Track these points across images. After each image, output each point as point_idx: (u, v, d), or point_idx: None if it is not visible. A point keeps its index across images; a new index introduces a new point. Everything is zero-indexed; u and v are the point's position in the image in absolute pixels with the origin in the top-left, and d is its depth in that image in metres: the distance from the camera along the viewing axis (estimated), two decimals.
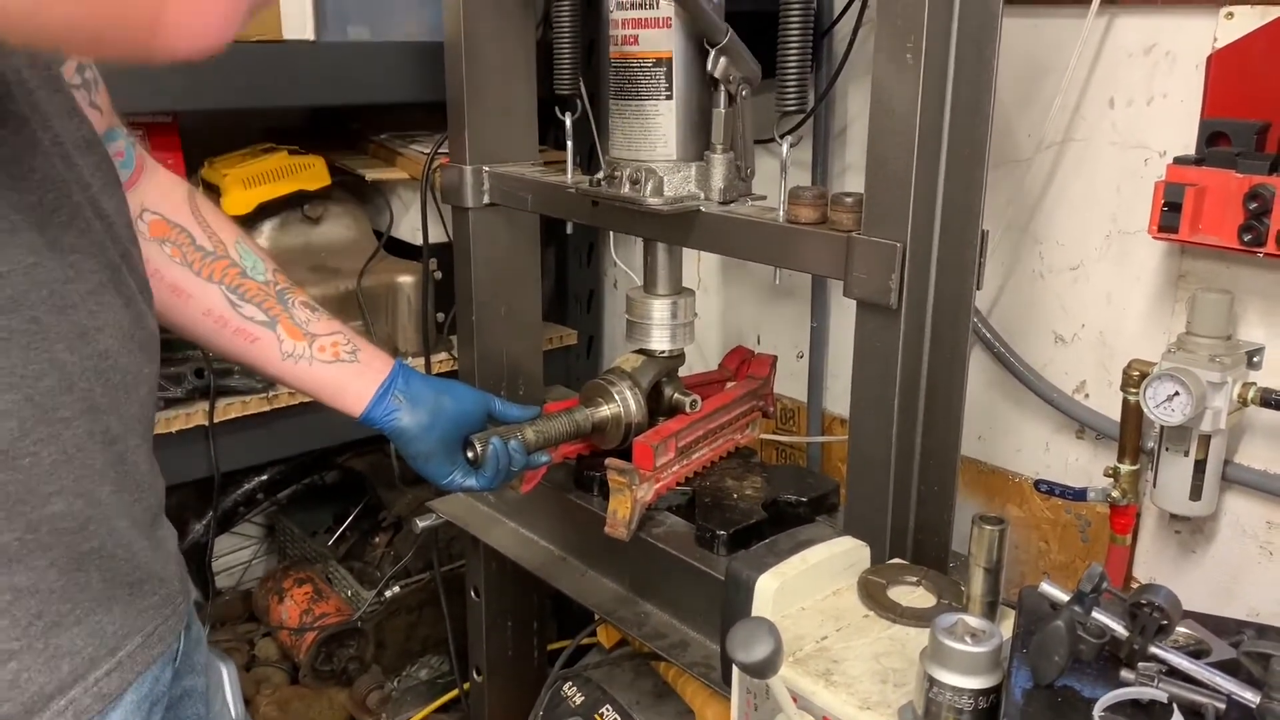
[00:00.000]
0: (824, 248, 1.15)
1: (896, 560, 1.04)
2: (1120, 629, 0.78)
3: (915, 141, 1.03)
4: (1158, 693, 0.74)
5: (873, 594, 0.96)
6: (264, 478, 2.26)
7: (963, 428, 1.18)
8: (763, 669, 0.81)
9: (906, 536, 1.20)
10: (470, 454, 1.25)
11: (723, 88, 1.26)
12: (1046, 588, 0.82)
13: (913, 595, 0.97)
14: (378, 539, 2.28)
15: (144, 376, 0.92)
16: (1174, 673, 0.76)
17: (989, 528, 0.88)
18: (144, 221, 1.08)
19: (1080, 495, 1.46)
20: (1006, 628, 0.89)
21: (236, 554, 2.51)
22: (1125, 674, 0.76)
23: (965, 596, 0.92)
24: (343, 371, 1.15)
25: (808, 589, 0.96)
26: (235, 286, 1.10)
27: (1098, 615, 0.78)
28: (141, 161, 1.10)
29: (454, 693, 2.15)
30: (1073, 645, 0.76)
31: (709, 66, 1.23)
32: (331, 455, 2.27)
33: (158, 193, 1.09)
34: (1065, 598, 0.80)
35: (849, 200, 1.10)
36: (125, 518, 0.90)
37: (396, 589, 2.16)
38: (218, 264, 1.10)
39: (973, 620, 0.79)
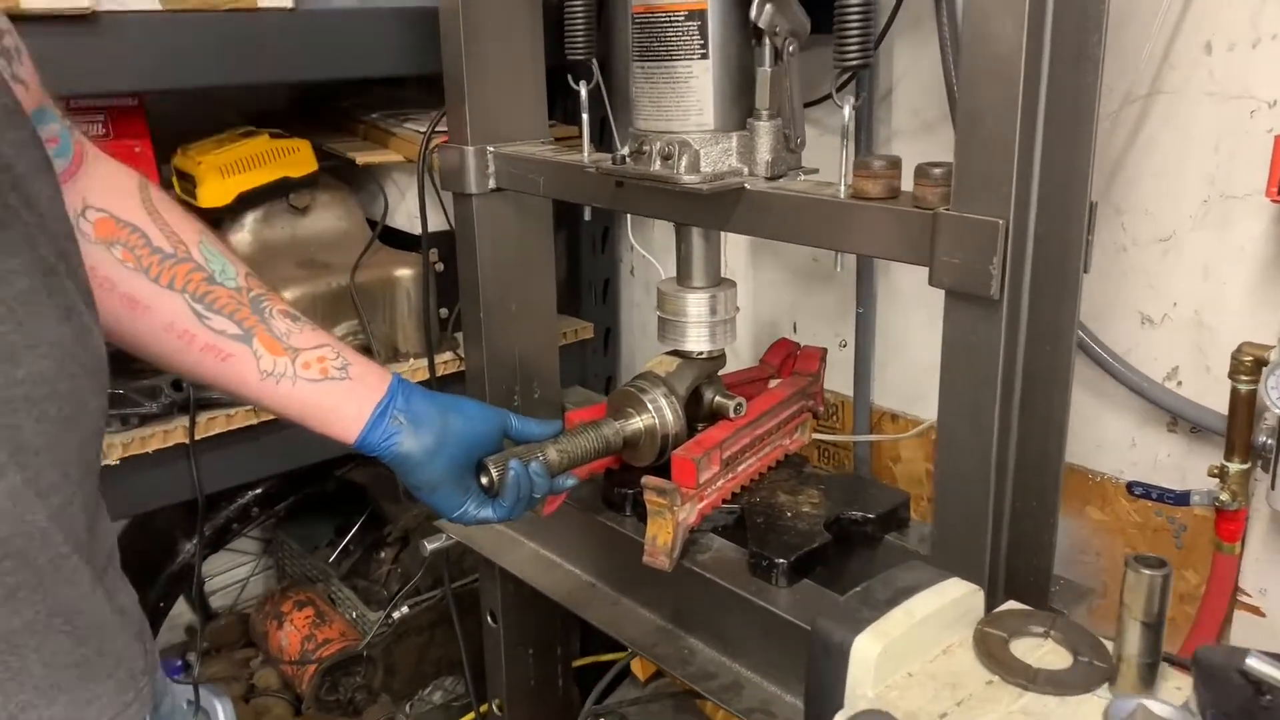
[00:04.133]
0: (900, 228, 0.96)
1: (1013, 604, 0.86)
2: None
3: (1020, 92, 0.85)
4: None
5: (994, 652, 0.78)
6: (258, 491, 2.09)
7: (1067, 434, 1.01)
8: None
9: (999, 560, 1.02)
10: (485, 480, 1.07)
11: (768, 42, 1.07)
12: (1255, 663, 0.63)
13: (1042, 651, 0.79)
14: (383, 554, 2.11)
15: (89, 409, 0.74)
16: None
17: (1148, 572, 0.70)
18: (88, 220, 0.89)
19: (1182, 499, 1.28)
20: (1169, 693, 0.71)
21: (233, 571, 2.35)
22: None
23: (1115, 655, 0.74)
24: (332, 391, 0.98)
25: (914, 649, 0.78)
26: (201, 294, 0.92)
27: None
28: (81, 149, 0.91)
29: (470, 716, 1.99)
30: None
31: (753, 15, 1.05)
32: (328, 468, 2.09)
33: (103, 185, 0.91)
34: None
35: (937, 172, 0.91)
36: (70, 582, 0.73)
37: (405, 609, 1.99)
38: (179, 268, 0.91)
39: (1158, 708, 0.61)
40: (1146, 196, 1.34)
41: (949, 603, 0.81)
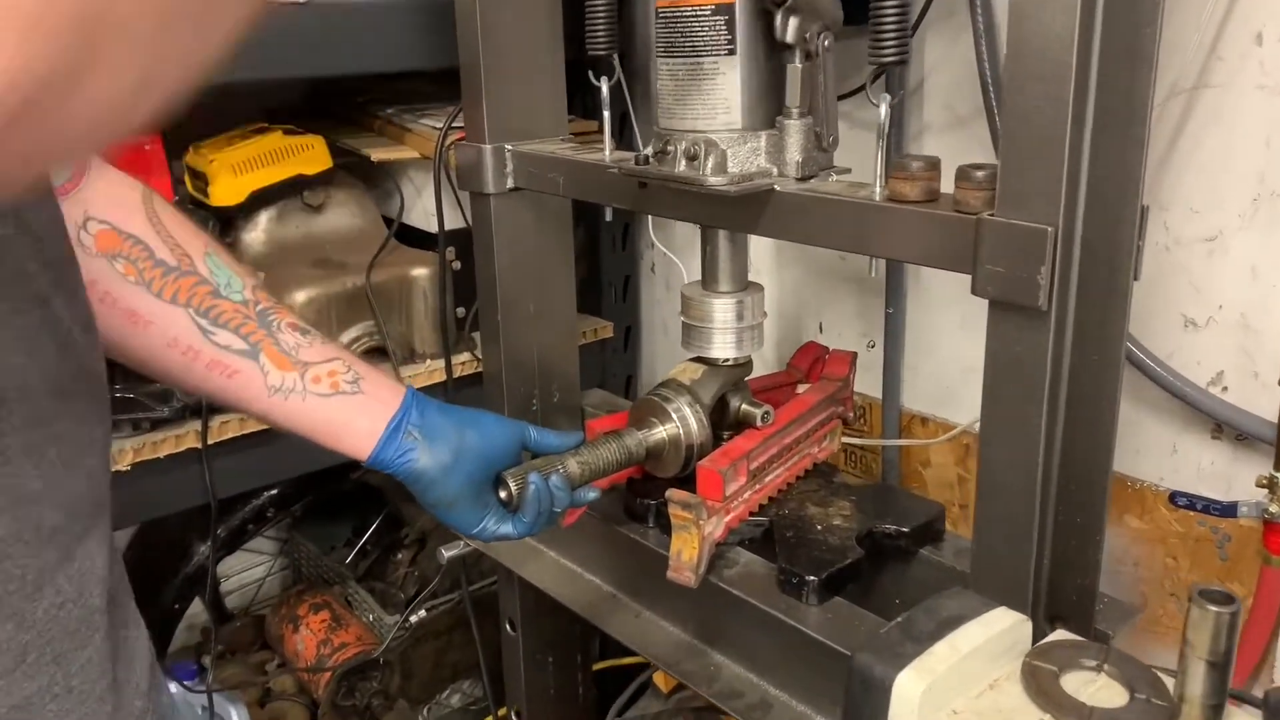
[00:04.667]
0: (940, 234, 0.91)
1: (1062, 633, 0.81)
2: None
3: (1071, 91, 0.80)
4: None
5: (1045, 688, 0.74)
6: (273, 492, 2.06)
7: (1114, 447, 0.96)
8: None
9: (1042, 578, 0.98)
10: (504, 494, 1.03)
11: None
12: None
13: (1095, 687, 0.74)
14: (400, 556, 2.08)
15: (91, 442, 0.70)
16: None
17: (1214, 609, 0.65)
18: (89, 233, 0.85)
19: (1230, 510, 1.23)
20: None
21: (249, 571, 2.32)
22: None
23: (1177, 695, 0.69)
24: (343, 406, 0.94)
25: (959, 685, 0.73)
26: (206, 309, 0.88)
27: None
28: (84, 160, 0.87)
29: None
30: None
31: (778, 33, 1.00)
32: (344, 470, 2.06)
33: (105, 196, 0.87)
34: None
35: (980, 175, 0.86)
36: (76, 636, 0.69)
37: (422, 613, 1.95)
38: (183, 281, 0.87)
39: None
40: (1191, 194, 1.28)
41: (996, 634, 0.76)
